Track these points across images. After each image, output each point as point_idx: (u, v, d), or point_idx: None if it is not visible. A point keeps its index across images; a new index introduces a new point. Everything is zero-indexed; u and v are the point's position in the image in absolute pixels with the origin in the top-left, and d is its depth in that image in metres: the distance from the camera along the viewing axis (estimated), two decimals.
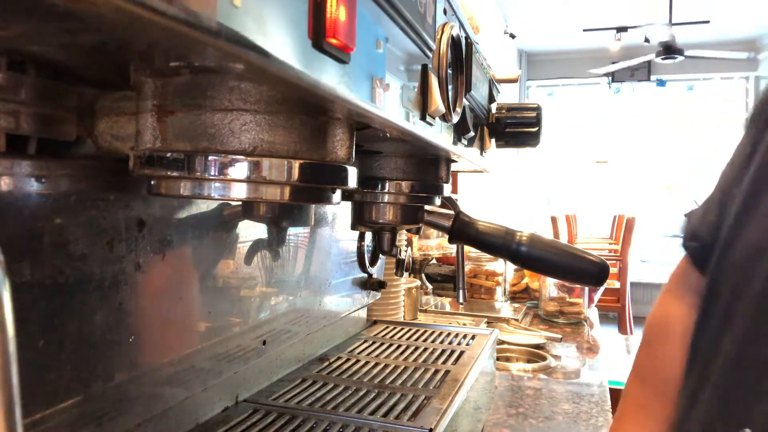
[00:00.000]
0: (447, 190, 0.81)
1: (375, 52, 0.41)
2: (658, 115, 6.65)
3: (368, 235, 0.99)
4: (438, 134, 0.59)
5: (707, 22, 5.20)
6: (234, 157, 0.39)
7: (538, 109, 0.97)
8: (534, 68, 6.64)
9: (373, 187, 0.75)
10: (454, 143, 0.69)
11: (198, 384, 0.65)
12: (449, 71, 0.58)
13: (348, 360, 0.94)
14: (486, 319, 1.73)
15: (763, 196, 0.57)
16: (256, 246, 0.74)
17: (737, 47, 5.85)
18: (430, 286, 2.07)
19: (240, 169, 0.39)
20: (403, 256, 0.98)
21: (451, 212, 0.82)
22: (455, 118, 0.59)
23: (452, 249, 1.81)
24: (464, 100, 0.64)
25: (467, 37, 0.66)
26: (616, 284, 4.52)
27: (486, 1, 4.18)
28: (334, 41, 0.32)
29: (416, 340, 1.07)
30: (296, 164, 0.41)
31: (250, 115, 0.39)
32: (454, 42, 0.59)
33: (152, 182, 0.43)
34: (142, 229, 0.54)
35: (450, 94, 0.58)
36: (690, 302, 0.67)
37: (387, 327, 1.17)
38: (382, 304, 1.32)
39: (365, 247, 1.00)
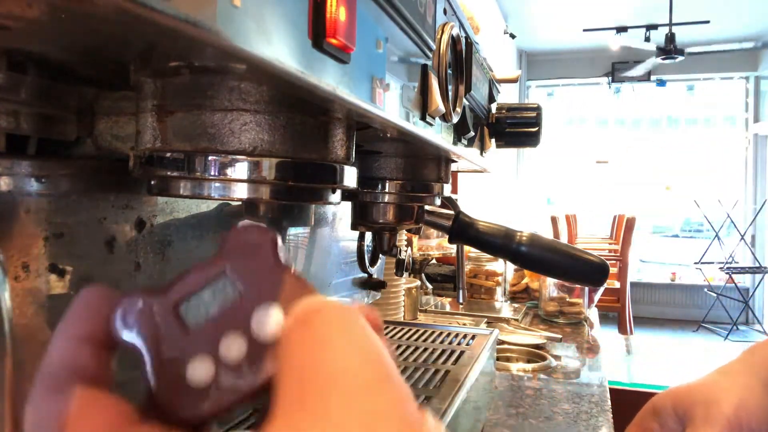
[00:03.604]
0: (447, 190, 0.81)
1: (375, 52, 0.41)
2: (658, 115, 6.65)
3: (368, 235, 0.99)
4: (438, 134, 0.59)
5: (707, 22, 5.20)
6: (234, 157, 0.39)
7: (538, 109, 0.97)
8: (534, 68, 6.64)
9: (373, 187, 0.75)
10: (454, 143, 0.69)
11: None
12: (449, 71, 0.58)
13: None
14: (486, 319, 1.73)
15: None
16: None
17: (737, 47, 5.86)
18: (430, 286, 2.07)
19: (240, 169, 0.39)
20: (403, 256, 0.98)
21: (451, 212, 0.82)
22: (455, 118, 0.59)
23: (452, 249, 1.81)
24: (464, 100, 0.64)
25: (467, 37, 0.66)
26: (616, 284, 4.53)
27: (486, 1, 4.18)
28: (334, 41, 0.32)
29: (416, 340, 1.07)
30: (297, 164, 0.41)
31: (250, 115, 0.39)
32: (454, 42, 0.59)
33: (152, 182, 0.43)
34: (142, 229, 0.54)
35: (450, 94, 0.58)
36: None
37: (387, 327, 1.17)
38: (382, 304, 1.33)
39: (365, 247, 1.00)
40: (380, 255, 0.94)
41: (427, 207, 0.80)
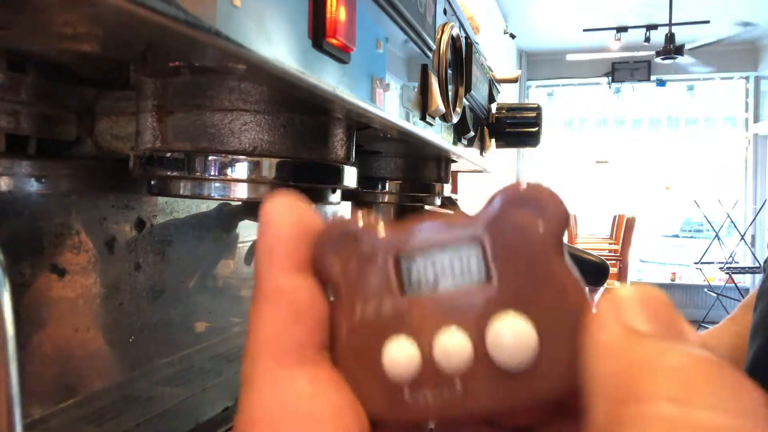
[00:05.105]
0: (447, 190, 0.81)
1: (375, 52, 0.41)
2: (658, 115, 6.66)
3: None
4: (438, 134, 0.60)
5: (707, 22, 5.20)
6: (234, 157, 0.39)
7: (538, 109, 0.97)
8: (534, 68, 6.64)
9: (373, 187, 0.75)
10: (454, 143, 0.69)
11: (198, 384, 0.65)
12: (449, 71, 0.58)
13: None
14: None
15: None
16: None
17: (737, 47, 5.86)
18: None
19: (240, 169, 0.39)
20: None
21: (452, 212, 0.82)
22: (455, 118, 0.59)
23: None
24: (464, 100, 0.64)
25: (467, 37, 0.66)
26: (616, 284, 4.53)
27: (486, 1, 4.18)
28: (334, 41, 0.32)
29: None
30: (297, 164, 0.41)
31: (250, 115, 0.39)
32: (454, 42, 0.59)
33: (152, 182, 0.43)
34: (142, 229, 0.54)
35: (450, 94, 0.58)
36: None
37: None
38: None
39: None
40: None
41: (427, 207, 0.80)
